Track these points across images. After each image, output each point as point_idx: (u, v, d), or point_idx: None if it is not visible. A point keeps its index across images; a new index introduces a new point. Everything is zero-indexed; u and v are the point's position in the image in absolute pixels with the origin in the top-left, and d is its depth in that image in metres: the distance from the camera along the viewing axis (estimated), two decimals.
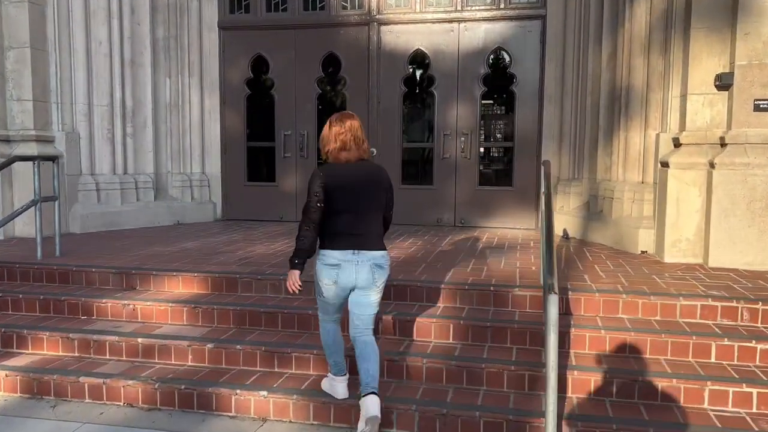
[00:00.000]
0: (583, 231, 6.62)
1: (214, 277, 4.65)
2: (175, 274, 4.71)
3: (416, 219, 7.75)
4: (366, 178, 3.21)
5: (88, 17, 6.96)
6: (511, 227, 7.53)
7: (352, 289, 3.20)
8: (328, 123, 3.25)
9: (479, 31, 7.50)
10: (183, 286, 4.68)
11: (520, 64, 7.41)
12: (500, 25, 7.45)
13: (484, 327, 3.91)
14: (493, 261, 5.25)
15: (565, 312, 4.06)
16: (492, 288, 4.25)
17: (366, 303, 3.24)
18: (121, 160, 7.33)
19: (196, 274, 4.68)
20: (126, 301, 4.43)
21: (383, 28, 7.73)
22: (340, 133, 3.17)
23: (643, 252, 5.71)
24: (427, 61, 7.69)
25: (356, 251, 3.13)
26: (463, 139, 7.61)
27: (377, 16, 7.69)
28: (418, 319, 4.01)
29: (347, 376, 3.45)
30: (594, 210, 6.59)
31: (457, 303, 4.28)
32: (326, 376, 3.55)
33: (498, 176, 7.89)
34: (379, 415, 3.08)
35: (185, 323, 4.31)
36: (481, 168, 7.70)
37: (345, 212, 3.12)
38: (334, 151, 3.18)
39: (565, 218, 6.96)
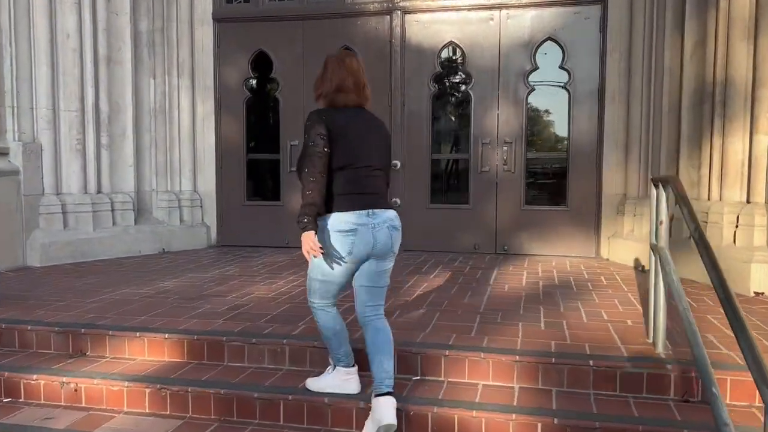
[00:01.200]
0: None
1: (192, 340, 3.35)
2: (138, 335, 3.41)
3: (449, 245, 6.45)
4: (371, 128, 2.74)
5: (52, 4, 5.74)
6: (564, 255, 6.20)
7: (365, 260, 2.69)
8: (323, 64, 2.77)
9: (525, 19, 6.22)
10: (150, 351, 3.39)
11: (575, 58, 6.13)
12: (550, 12, 6.17)
13: (592, 429, 2.59)
14: (568, 309, 3.93)
15: (696, 399, 2.74)
16: (591, 362, 2.92)
17: (380, 272, 2.76)
18: (94, 177, 6.07)
19: (167, 336, 3.38)
20: (66, 378, 3.14)
21: (408, 17, 6.48)
22: (336, 72, 2.69)
23: (758, 294, 4.38)
24: (461, 56, 6.42)
25: (371, 212, 2.64)
26: (505, 148, 6.31)
27: (401, 3, 6.44)
28: (486, 415, 2.68)
29: (357, 367, 2.89)
30: (677, 236, 5.25)
31: (540, 383, 2.95)
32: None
33: (548, 194, 6.57)
34: (396, 423, 2.56)
35: (147, 412, 3.01)
36: (528, 184, 6.39)
37: (351, 167, 2.63)
38: (330, 93, 2.70)
39: (637, 246, 5.63)
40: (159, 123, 6.65)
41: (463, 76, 6.45)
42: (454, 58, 6.57)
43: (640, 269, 5.38)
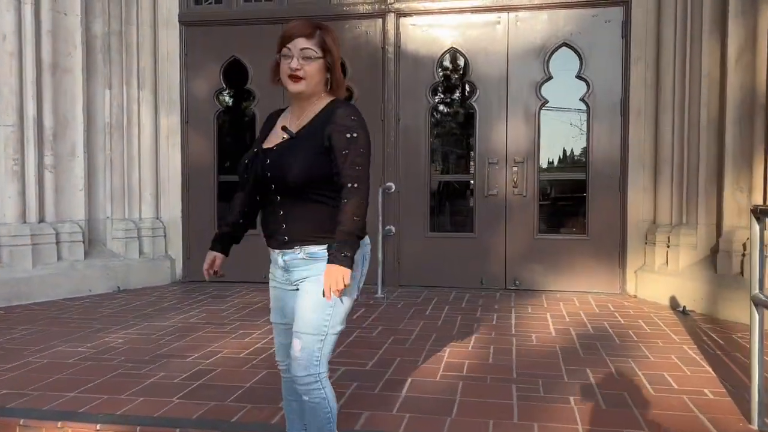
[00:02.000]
0: (709, 302, 4.51)
1: None
2: (60, 425, 2.50)
3: (451, 279, 5.62)
4: None
5: None
6: (585, 291, 5.40)
7: None
8: (321, 29, 2.00)
9: (536, 22, 5.48)
10: None
11: (594, 67, 5.39)
12: (565, 14, 5.44)
13: None
14: (623, 373, 3.10)
15: None
16: None
17: None
18: (34, 203, 5.12)
19: (99, 427, 2.47)
20: None
21: (404, 20, 5.70)
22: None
23: None
24: (464, 64, 5.65)
25: None
26: (515, 169, 5.53)
27: (395, 5, 5.66)
28: None
29: None
30: (726, 271, 4.48)
31: None
32: None
33: (565, 220, 5.80)
34: None
35: None
36: (542, 208, 5.60)
37: None
38: (341, 84, 2.04)
39: (674, 281, 4.85)
40: (115, 140, 5.75)
41: (467, 86, 5.67)
42: (455, 66, 5.80)
43: (680, 311, 4.59)
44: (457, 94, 5.93)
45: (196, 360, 3.35)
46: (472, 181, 5.66)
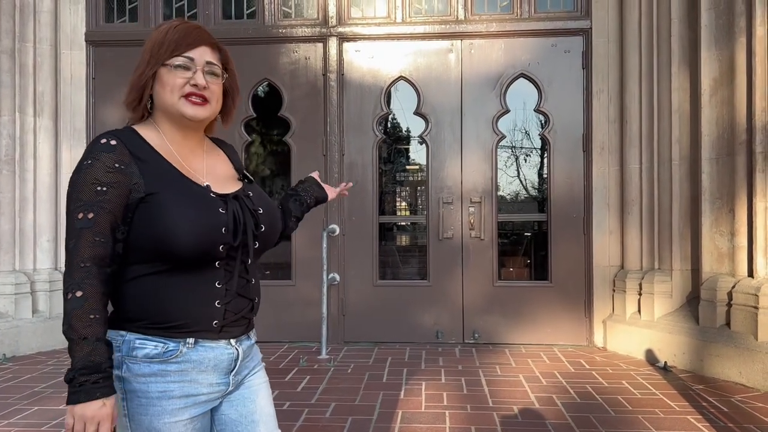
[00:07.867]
0: (692, 357, 4.10)
1: None
2: None
3: (404, 333, 5.00)
4: None
5: None
6: (552, 343, 4.91)
7: None
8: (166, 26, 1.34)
9: (492, 51, 5.06)
10: None
11: (553, 99, 5.00)
12: (523, 43, 5.05)
13: None
14: None
15: None
16: None
17: None
18: None
19: None
20: None
21: (347, 45, 5.14)
22: None
23: None
24: (414, 95, 5.13)
25: None
26: (472, 209, 5.02)
27: (338, 29, 5.10)
28: None
29: None
30: (710, 323, 4.09)
31: None
32: None
33: (527, 265, 5.33)
34: None
35: None
36: (501, 253, 5.11)
37: None
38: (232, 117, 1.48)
39: (649, 333, 4.44)
40: (4, 177, 4.83)
41: (418, 119, 5.15)
42: (405, 97, 5.27)
43: (662, 367, 4.16)
44: (407, 128, 5.39)
45: None
46: (425, 223, 5.11)
